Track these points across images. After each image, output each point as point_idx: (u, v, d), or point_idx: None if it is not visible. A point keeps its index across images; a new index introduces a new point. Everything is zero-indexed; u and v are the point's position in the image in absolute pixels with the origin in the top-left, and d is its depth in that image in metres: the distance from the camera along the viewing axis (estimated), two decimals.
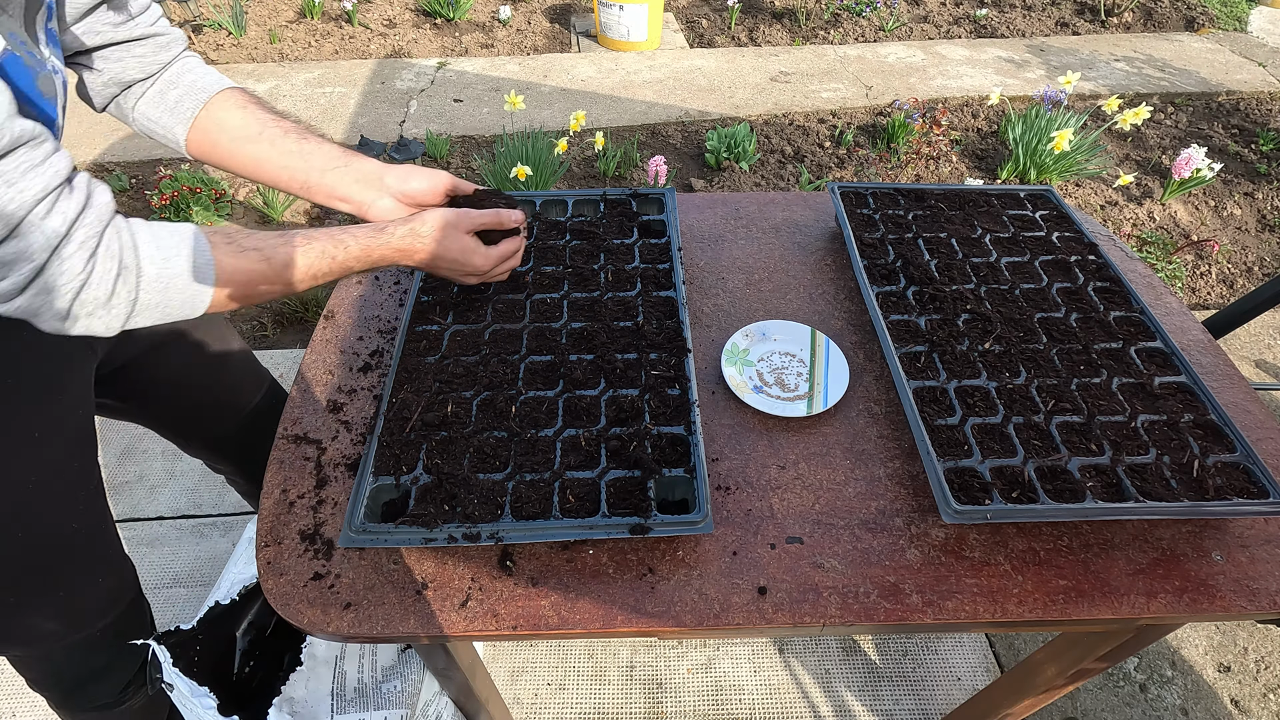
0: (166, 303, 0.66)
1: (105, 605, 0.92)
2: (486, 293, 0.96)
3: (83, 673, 0.96)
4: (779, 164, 2.92)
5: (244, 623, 1.09)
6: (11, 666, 0.96)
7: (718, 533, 0.75)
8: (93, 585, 0.90)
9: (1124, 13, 4.18)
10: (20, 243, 0.56)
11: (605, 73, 3.54)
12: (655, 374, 0.84)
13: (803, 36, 4.01)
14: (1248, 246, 2.66)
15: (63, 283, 0.59)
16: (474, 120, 3.13)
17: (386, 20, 4.10)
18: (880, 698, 1.46)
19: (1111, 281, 0.99)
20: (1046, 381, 0.85)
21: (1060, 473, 0.75)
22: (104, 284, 0.61)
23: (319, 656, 1.01)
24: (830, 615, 0.69)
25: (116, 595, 0.94)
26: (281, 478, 0.80)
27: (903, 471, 0.81)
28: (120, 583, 0.95)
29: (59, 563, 0.85)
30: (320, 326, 0.97)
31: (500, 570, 0.71)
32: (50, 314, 0.60)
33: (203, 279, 0.67)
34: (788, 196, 1.22)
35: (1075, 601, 0.70)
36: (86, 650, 0.93)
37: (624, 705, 1.45)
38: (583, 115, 2.38)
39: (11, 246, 0.56)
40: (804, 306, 1.02)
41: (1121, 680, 1.49)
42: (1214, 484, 0.74)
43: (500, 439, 0.78)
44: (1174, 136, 3.16)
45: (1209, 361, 0.95)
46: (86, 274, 0.60)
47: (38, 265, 0.57)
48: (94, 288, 0.60)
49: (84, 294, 0.60)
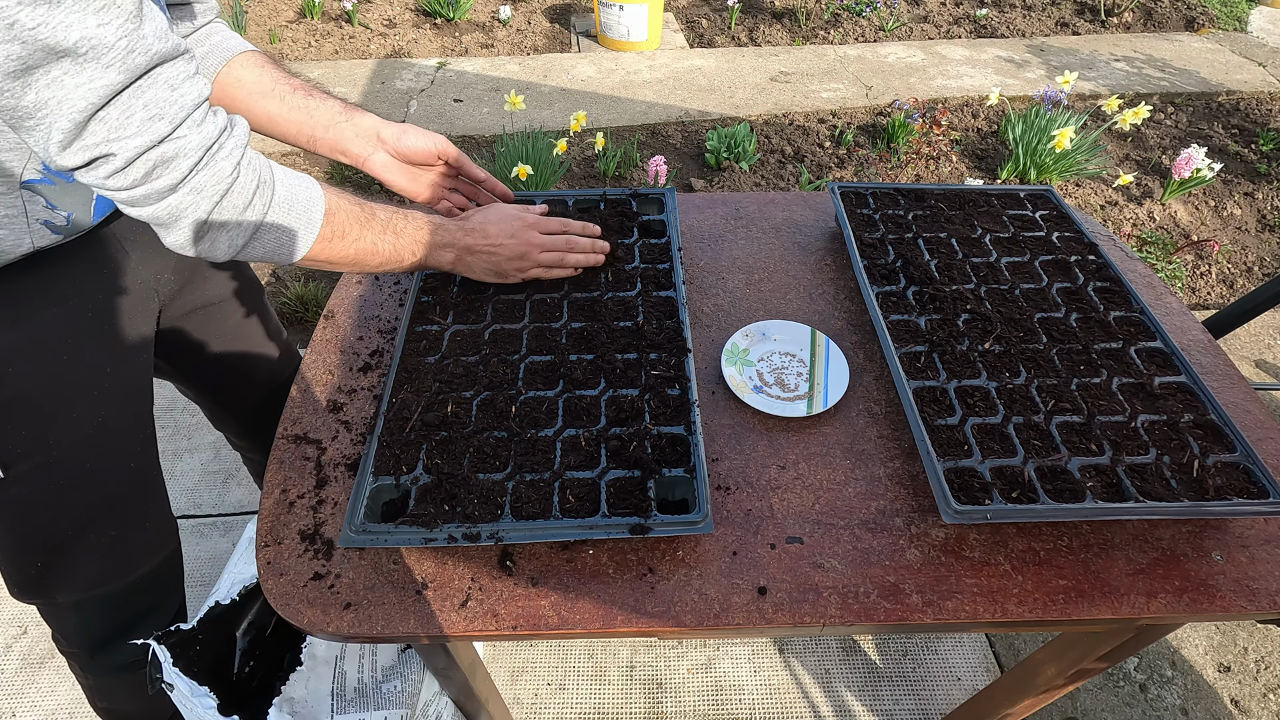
0: (285, 228, 0.70)
1: (151, 549, 0.98)
2: (486, 293, 0.96)
3: (116, 627, 0.99)
4: (779, 164, 2.92)
5: (244, 623, 1.09)
6: (42, 618, 1.00)
7: (718, 533, 0.75)
8: (141, 529, 0.95)
9: (1124, 13, 4.18)
10: (179, 143, 0.60)
11: (605, 73, 3.54)
12: (655, 374, 0.84)
13: (803, 36, 4.01)
14: (1248, 246, 2.66)
15: (211, 184, 0.63)
16: (474, 120, 3.13)
17: (386, 20, 4.10)
18: (880, 698, 1.46)
19: (1111, 281, 0.99)
20: (1046, 381, 0.85)
21: (1060, 473, 0.75)
22: (245, 192, 0.66)
23: (319, 656, 1.01)
24: (830, 615, 0.69)
25: (161, 541, 0.99)
26: (281, 478, 0.80)
27: (903, 471, 0.81)
28: (165, 530, 1.01)
29: (116, 500, 0.90)
30: (320, 326, 0.97)
31: (500, 570, 0.71)
32: (189, 219, 0.64)
33: (315, 209, 0.73)
34: (788, 196, 1.22)
35: (1075, 601, 0.70)
36: (125, 599, 0.97)
37: (624, 705, 1.45)
38: (583, 115, 2.38)
39: (171, 146, 0.60)
40: (804, 306, 1.02)
41: (1121, 680, 1.49)
42: (1214, 484, 0.74)
43: (500, 439, 0.78)
44: (1174, 136, 3.16)
45: (1209, 361, 0.95)
46: (232, 179, 0.64)
47: (193, 163, 0.61)
48: (236, 194, 0.65)
49: (226, 200, 0.64)
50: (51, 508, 0.86)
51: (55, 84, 0.53)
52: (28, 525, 0.86)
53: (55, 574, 0.91)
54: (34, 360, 0.79)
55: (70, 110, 0.54)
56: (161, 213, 0.62)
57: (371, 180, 2.74)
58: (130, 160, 0.58)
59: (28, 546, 0.88)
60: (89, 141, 0.56)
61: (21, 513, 0.85)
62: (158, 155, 0.59)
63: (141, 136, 0.58)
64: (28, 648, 1.54)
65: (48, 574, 0.91)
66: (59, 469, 0.84)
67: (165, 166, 0.60)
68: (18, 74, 0.52)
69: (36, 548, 0.88)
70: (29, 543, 0.87)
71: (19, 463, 0.81)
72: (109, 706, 1.10)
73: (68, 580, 0.92)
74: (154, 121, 0.58)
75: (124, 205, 0.62)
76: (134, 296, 0.90)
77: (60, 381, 0.82)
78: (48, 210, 0.75)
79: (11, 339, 0.78)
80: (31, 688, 1.48)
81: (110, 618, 0.98)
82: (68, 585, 0.93)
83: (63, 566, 0.90)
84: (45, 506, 0.85)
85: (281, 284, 2.43)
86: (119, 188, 0.60)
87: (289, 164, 2.74)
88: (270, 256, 0.72)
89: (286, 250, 0.72)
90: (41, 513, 0.85)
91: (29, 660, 1.52)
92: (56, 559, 0.89)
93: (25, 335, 0.78)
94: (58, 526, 0.87)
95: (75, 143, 0.56)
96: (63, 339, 0.81)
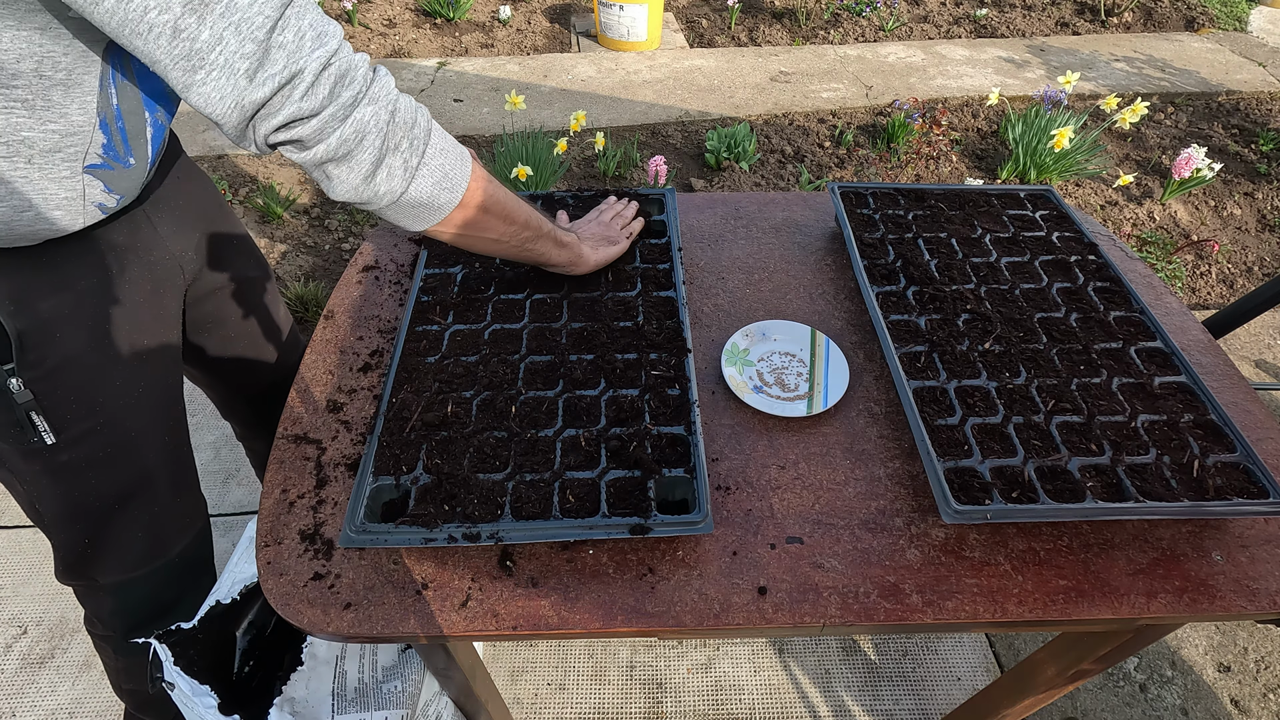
0: (443, 160, 0.72)
1: (185, 525, 1.00)
2: (486, 293, 0.96)
3: (152, 608, 1.01)
4: (779, 164, 2.92)
5: (244, 622, 1.09)
6: (79, 601, 1.02)
7: (718, 533, 0.75)
8: (175, 505, 0.98)
9: (1124, 13, 4.18)
10: (349, 58, 0.62)
11: (605, 73, 3.53)
12: (655, 374, 0.84)
13: (803, 36, 4.01)
14: (1248, 246, 2.66)
15: (384, 94, 0.65)
16: (474, 120, 3.13)
17: (386, 20, 4.10)
18: (880, 698, 1.46)
19: (1111, 281, 0.99)
20: (1046, 381, 0.85)
21: (1060, 473, 0.75)
22: (409, 108, 0.68)
23: (319, 656, 1.01)
24: (830, 615, 0.69)
25: (193, 517, 1.02)
26: (281, 478, 0.80)
27: (903, 471, 0.81)
28: (196, 505, 1.03)
29: (153, 472, 0.93)
30: (320, 326, 0.97)
31: (500, 570, 0.71)
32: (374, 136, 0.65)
33: (464, 157, 0.75)
34: (788, 196, 1.22)
35: (1075, 601, 0.70)
36: (164, 579, 1.00)
37: (624, 705, 1.45)
38: (583, 115, 2.38)
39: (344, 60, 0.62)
40: (804, 306, 1.02)
41: (1121, 680, 1.49)
42: (1214, 484, 0.74)
43: (500, 439, 0.78)
44: (1174, 136, 3.16)
45: (1209, 361, 0.95)
46: (397, 96, 0.66)
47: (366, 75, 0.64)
48: (404, 109, 0.67)
49: (399, 114, 0.66)
50: (99, 475, 0.87)
51: (228, 10, 0.55)
52: (77, 493, 0.87)
53: (101, 552, 0.92)
54: (81, 325, 0.81)
55: (251, 31, 0.56)
56: (349, 132, 0.63)
57: None
58: (317, 74, 0.60)
59: (78, 516, 0.89)
60: (274, 68, 0.58)
61: (72, 480, 0.86)
62: (336, 70, 0.61)
63: (318, 50, 0.60)
64: (28, 648, 1.54)
65: (93, 551, 0.92)
66: (106, 434, 0.85)
67: (343, 81, 0.62)
68: (195, 7, 0.54)
69: (85, 518, 0.89)
70: (79, 512, 0.89)
71: (69, 427, 0.82)
72: (135, 688, 1.12)
73: (111, 560, 0.94)
74: (322, 39, 0.60)
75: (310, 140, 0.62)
76: (164, 270, 0.92)
77: (106, 347, 0.83)
78: (105, 194, 0.76)
79: (60, 303, 0.79)
80: (31, 688, 1.48)
81: (147, 599, 1.00)
82: (110, 565, 0.94)
83: (108, 544, 0.92)
84: (94, 474, 0.86)
85: (282, 284, 2.43)
86: (309, 112, 0.60)
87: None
88: (433, 197, 0.72)
89: (451, 185, 0.73)
90: (91, 480, 0.87)
91: (29, 660, 1.52)
92: (102, 535, 0.91)
93: (72, 300, 0.80)
94: (105, 496, 0.88)
95: (260, 71, 0.57)
96: (103, 306, 0.83)
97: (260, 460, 1.44)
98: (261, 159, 2.84)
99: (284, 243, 2.55)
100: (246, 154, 2.85)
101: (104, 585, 0.97)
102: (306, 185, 2.77)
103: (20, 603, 1.61)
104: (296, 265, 2.48)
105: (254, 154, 0.72)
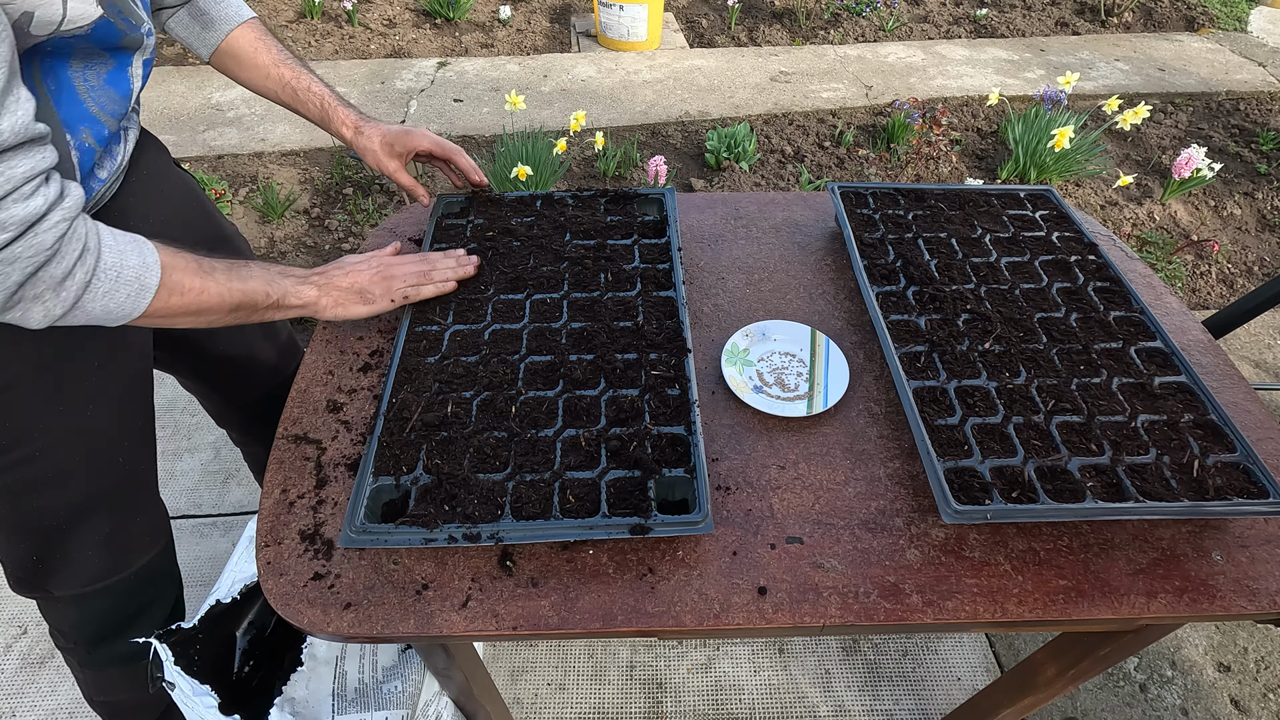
0: (112, 293, 0.70)
1: (146, 542, 1.00)
2: (486, 293, 0.96)
3: (115, 621, 1.00)
4: (779, 164, 2.92)
5: (244, 622, 1.09)
6: (41, 614, 1.01)
7: (718, 533, 0.75)
8: (135, 521, 0.97)
9: (1124, 13, 4.18)
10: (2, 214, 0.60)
11: (605, 73, 3.53)
12: (655, 374, 0.84)
13: (803, 36, 4.01)
14: (1248, 246, 2.66)
15: (28, 256, 0.63)
16: (474, 120, 3.13)
17: (386, 20, 4.10)
18: (880, 698, 1.46)
19: (1111, 281, 0.99)
20: (1046, 381, 0.85)
21: (1060, 473, 0.75)
22: (65, 263, 0.66)
23: (319, 657, 1.01)
24: (830, 615, 0.69)
25: (155, 533, 1.01)
26: (281, 478, 0.80)
27: (903, 471, 0.81)
28: (158, 522, 1.02)
29: (106, 495, 0.91)
30: (320, 326, 0.97)
31: (500, 570, 0.71)
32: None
33: (150, 274, 0.72)
34: (788, 196, 1.22)
35: (1075, 601, 0.70)
36: (122, 594, 0.99)
37: (624, 705, 1.45)
38: (583, 115, 2.37)
39: None
40: (804, 306, 1.02)
41: (1121, 680, 1.49)
42: (1214, 484, 0.74)
43: (500, 439, 0.78)
44: (1174, 136, 3.16)
45: (1209, 361, 0.95)
46: (53, 251, 0.64)
47: (10, 237, 0.61)
48: (55, 265, 0.65)
49: (43, 271, 0.64)
50: (40, 500, 0.86)
51: None
52: (17, 516, 0.87)
53: (51, 568, 0.91)
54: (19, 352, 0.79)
55: None
56: None
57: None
58: None
59: (20, 537, 0.89)
60: None
61: (11, 501, 0.86)
62: None
63: None
64: (28, 648, 1.54)
65: (44, 567, 0.91)
66: (46, 461, 0.84)
67: None
68: None
69: (30, 539, 0.89)
70: (21, 533, 0.88)
71: (4, 454, 0.82)
72: (107, 699, 1.11)
73: (65, 575, 0.92)
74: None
75: None
76: None
77: (49, 374, 0.82)
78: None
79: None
80: (31, 688, 1.48)
81: (109, 612, 0.99)
82: (65, 580, 0.93)
83: (59, 560, 0.91)
84: (34, 498, 0.86)
85: None
86: None
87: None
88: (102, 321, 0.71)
89: (120, 314, 0.71)
90: (31, 504, 0.86)
91: (29, 660, 1.52)
92: (52, 552, 0.90)
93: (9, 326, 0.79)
94: (48, 519, 0.88)
95: None
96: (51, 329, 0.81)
97: (258, 464, 1.42)
98: (263, 159, 2.84)
99: (284, 243, 2.55)
100: (247, 154, 2.85)
101: (61, 598, 0.96)
102: (306, 185, 2.77)
103: (20, 603, 1.61)
104: (297, 265, 2.48)
105: None
